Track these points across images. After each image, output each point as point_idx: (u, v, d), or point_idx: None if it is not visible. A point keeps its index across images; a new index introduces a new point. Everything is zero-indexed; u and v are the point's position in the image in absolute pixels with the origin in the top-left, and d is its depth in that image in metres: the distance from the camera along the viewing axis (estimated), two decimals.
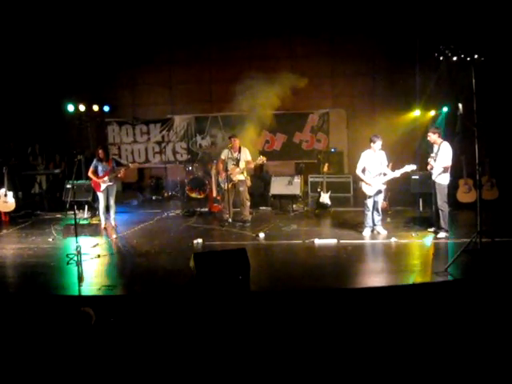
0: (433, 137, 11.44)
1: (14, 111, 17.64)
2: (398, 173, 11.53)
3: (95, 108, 18.89)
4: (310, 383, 5.37)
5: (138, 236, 12.39)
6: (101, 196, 12.86)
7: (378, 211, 11.84)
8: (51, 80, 18.30)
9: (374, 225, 11.87)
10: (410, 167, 11.46)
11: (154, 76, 20.07)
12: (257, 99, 15.77)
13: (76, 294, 8.29)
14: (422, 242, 11.21)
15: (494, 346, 5.78)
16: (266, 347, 6.19)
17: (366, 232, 11.77)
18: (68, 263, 9.62)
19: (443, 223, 11.30)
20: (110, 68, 19.54)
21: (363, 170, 11.78)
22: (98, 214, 13.37)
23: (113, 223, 13.01)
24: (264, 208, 15.65)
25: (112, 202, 12.95)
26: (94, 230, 12.82)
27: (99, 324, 6.62)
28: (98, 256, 10.35)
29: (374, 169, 11.62)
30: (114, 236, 12.39)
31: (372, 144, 11.64)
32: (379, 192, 11.75)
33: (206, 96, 19.99)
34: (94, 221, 14.00)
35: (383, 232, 11.74)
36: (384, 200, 12.80)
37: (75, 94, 18.20)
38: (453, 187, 13.20)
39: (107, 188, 12.84)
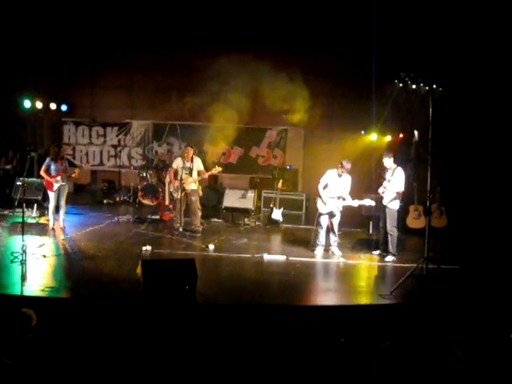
0: (388, 161, 11.62)
1: None
2: (356, 203, 11.61)
3: (52, 106, 18.67)
4: None
5: (86, 239, 12.22)
6: (52, 196, 12.65)
7: (333, 232, 11.92)
8: (8, 74, 18.00)
9: (330, 245, 11.93)
10: (368, 202, 11.58)
11: (114, 79, 19.94)
12: (217, 111, 15.78)
13: (18, 293, 8.12)
14: (369, 264, 11.35)
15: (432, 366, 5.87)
16: (208, 357, 6.19)
17: (318, 251, 11.83)
18: (12, 261, 9.43)
19: (391, 247, 11.46)
20: (70, 67, 19.33)
21: (324, 187, 11.83)
22: (47, 213, 13.15)
23: (61, 224, 12.81)
24: (216, 220, 15.63)
25: (63, 202, 12.75)
26: (41, 229, 12.64)
27: (40, 327, 6.51)
28: (44, 256, 10.19)
29: (335, 191, 11.68)
30: (62, 237, 12.19)
31: (340, 167, 11.66)
32: (333, 214, 11.82)
33: (165, 103, 19.93)
34: (43, 220, 13.76)
35: (338, 253, 11.78)
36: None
37: (33, 89, 17.96)
38: (403, 212, 13.42)
39: (59, 188, 12.65)
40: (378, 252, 11.89)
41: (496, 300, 8.58)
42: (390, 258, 11.40)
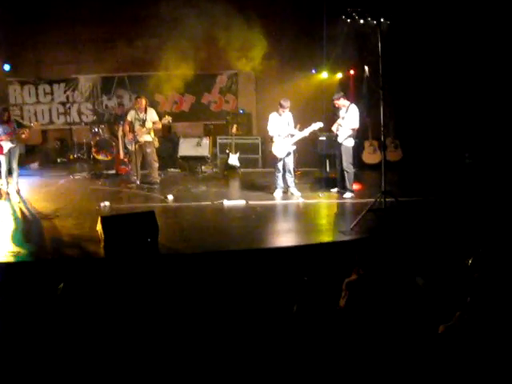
0: (341, 101, 11.67)
1: None
2: (306, 131, 11.68)
3: None
4: (216, 346, 5.46)
5: (42, 200, 12.06)
6: (3, 159, 12.38)
7: (290, 172, 11.96)
8: None
9: (288, 186, 11.99)
10: (316, 125, 11.64)
11: (57, 33, 19.27)
12: (165, 59, 15.52)
13: None
14: (328, 202, 11.48)
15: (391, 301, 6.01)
16: (175, 309, 6.23)
17: (277, 193, 11.90)
18: None
19: (348, 184, 11.59)
20: (9, 24, 18.66)
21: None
22: (0, 177, 12.90)
23: (16, 187, 12.59)
24: (172, 170, 15.57)
25: (15, 165, 12.50)
26: None
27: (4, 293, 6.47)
28: (1, 221, 10.04)
29: (282, 130, 11.72)
30: (18, 200, 12.01)
31: (280, 108, 11.69)
32: (289, 154, 11.87)
33: (112, 55, 19.45)
34: None
35: (297, 193, 11.86)
36: None
37: None
38: (358, 148, 13.53)
39: (10, 150, 12.38)
40: (336, 190, 12.03)
41: (453, 228, 8.79)
42: (348, 195, 11.54)
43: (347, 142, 11.55)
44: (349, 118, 11.49)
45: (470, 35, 14.57)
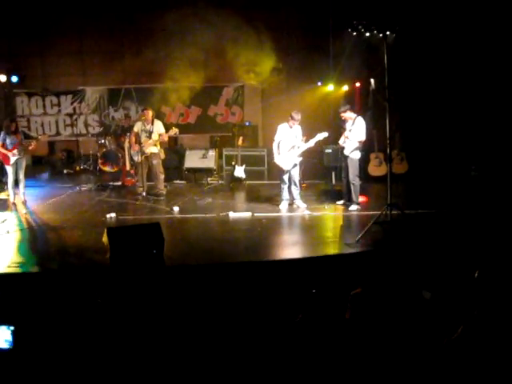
0: (347, 114, 11.68)
1: None
2: (311, 142, 11.68)
3: (2, 78, 18.20)
4: (224, 355, 5.45)
5: (49, 211, 12.10)
6: (10, 170, 12.45)
7: (295, 184, 11.93)
8: None
9: (294, 199, 11.98)
10: (321, 135, 11.61)
11: (64, 46, 19.39)
12: (171, 71, 15.59)
13: None
14: (334, 214, 11.47)
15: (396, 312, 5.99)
16: (181, 320, 6.22)
17: (283, 205, 11.89)
18: None
19: (354, 196, 11.58)
20: (18, 36, 18.79)
21: (279, 144, 11.83)
22: (7, 188, 12.94)
23: (22, 198, 12.64)
24: (178, 181, 15.58)
25: (21, 176, 12.57)
26: (2, 205, 12.48)
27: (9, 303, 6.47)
28: (7, 232, 10.05)
29: (289, 142, 11.70)
30: (24, 211, 12.04)
31: (290, 119, 11.67)
32: (295, 165, 11.86)
33: (119, 67, 19.55)
34: (3, 195, 13.54)
35: (303, 206, 11.83)
36: None
37: None
38: (364, 161, 13.53)
39: (16, 161, 12.45)
40: (341, 202, 12.02)
41: (460, 241, 8.76)
42: (354, 207, 11.52)
43: (354, 155, 11.55)
44: (356, 131, 11.49)
45: (476, 49, 14.60)
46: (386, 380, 4.62)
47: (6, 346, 5.40)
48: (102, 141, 17.04)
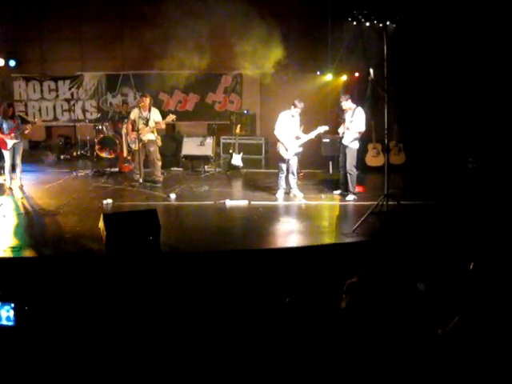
0: (347, 104, 11.66)
1: None
2: (312, 134, 11.64)
3: (0, 63, 18.13)
4: (220, 344, 5.47)
5: (45, 196, 12.08)
6: (7, 154, 12.41)
7: (293, 174, 11.90)
8: None
9: (290, 187, 11.95)
10: (322, 128, 11.59)
11: (63, 30, 19.31)
12: (170, 58, 15.53)
13: None
14: (331, 204, 11.48)
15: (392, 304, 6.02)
16: (176, 306, 6.24)
17: (280, 194, 11.87)
18: None
19: (351, 186, 11.57)
20: (16, 20, 18.71)
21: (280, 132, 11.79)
22: (4, 173, 12.92)
23: (19, 183, 12.62)
24: (175, 169, 15.54)
25: (18, 160, 12.54)
26: None
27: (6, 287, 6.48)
28: (4, 216, 10.06)
29: (291, 132, 11.66)
30: (21, 196, 12.03)
31: (293, 107, 11.61)
32: (295, 155, 11.83)
33: (117, 53, 19.49)
34: None
35: (299, 195, 11.81)
36: None
37: None
38: (362, 151, 13.51)
39: (13, 146, 12.41)
40: (338, 192, 12.02)
41: (455, 233, 8.78)
42: (350, 197, 11.53)
43: (352, 145, 11.54)
44: (356, 122, 11.46)
45: (475, 40, 14.57)
46: (381, 370, 4.64)
47: (8, 323, 5.42)
48: (100, 127, 16.96)
